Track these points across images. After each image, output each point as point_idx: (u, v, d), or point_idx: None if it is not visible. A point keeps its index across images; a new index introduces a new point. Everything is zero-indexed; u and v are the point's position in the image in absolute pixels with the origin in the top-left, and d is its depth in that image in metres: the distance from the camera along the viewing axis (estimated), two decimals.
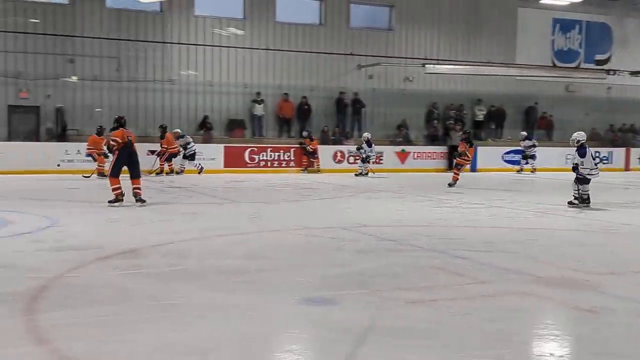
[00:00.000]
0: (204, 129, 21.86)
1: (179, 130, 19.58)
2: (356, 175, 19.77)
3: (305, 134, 21.47)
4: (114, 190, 10.98)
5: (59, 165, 18.17)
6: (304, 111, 23.33)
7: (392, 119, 24.54)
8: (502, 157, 23.89)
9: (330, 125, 23.46)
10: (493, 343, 4.25)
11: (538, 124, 26.82)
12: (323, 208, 12.03)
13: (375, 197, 13.93)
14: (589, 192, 11.74)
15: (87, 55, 20.75)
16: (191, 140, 19.40)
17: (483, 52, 25.82)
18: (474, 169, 21.96)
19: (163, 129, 18.98)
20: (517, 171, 22.35)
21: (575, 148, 11.89)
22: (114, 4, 21.30)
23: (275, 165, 21.05)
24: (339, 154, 21.82)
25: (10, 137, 19.81)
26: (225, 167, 20.21)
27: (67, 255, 6.75)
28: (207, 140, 21.41)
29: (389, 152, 22.52)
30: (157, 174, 18.43)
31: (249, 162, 20.73)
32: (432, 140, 24.15)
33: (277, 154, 21.17)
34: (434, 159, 23.14)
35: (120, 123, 11.42)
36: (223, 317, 4.69)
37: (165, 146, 18.59)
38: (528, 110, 26.83)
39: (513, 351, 4.12)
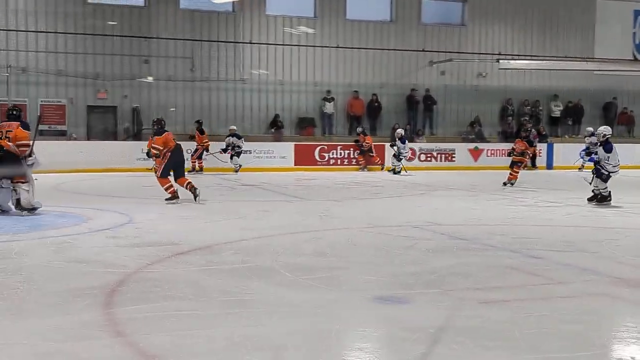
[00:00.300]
0: (275, 128, 22.08)
1: (234, 127, 19.53)
2: (389, 171, 19.46)
3: (359, 130, 21.18)
4: (167, 189, 11.33)
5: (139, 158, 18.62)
6: (374, 108, 23.24)
7: (464, 115, 24.17)
8: (580, 154, 23.18)
9: (401, 123, 23.28)
10: (570, 345, 4.11)
11: (618, 120, 25.89)
12: (393, 206, 11.94)
13: (448, 195, 13.73)
14: (609, 190, 11.43)
15: (162, 55, 21.27)
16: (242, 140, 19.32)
17: (559, 46, 25.10)
18: (550, 166, 21.38)
19: (200, 124, 19.13)
20: (579, 169, 21.41)
21: (599, 143, 11.56)
22: (187, 5, 21.75)
23: (345, 163, 21.06)
24: (410, 152, 21.62)
25: (89, 137, 20.50)
26: (295, 165, 20.36)
27: (144, 251, 6.93)
28: (278, 138, 21.61)
29: (462, 150, 22.18)
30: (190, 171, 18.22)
31: (319, 160, 20.81)
32: (506, 137, 23.64)
33: (347, 151, 21.17)
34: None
35: (161, 125, 11.75)
36: (295, 314, 4.71)
37: (200, 142, 18.75)
38: (606, 105, 25.94)
39: (592, 354, 3.98)
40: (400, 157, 19.42)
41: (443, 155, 21.92)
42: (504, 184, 15.24)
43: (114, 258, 6.55)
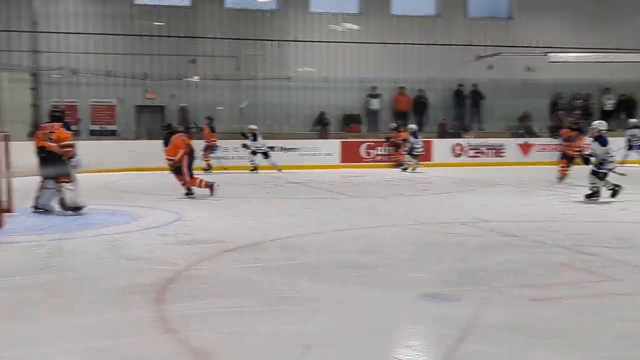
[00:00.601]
0: (321, 125, 22.10)
1: (255, 126, 19.03)
2: (403, 170, 18.98)
3: (393, 125, 20.61)
4: (199, 183, 11.94)
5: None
6: (420, 104, 23.07)
7: (513, 110, 23.76)
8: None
9: (448, 118, 23.06)
10: (624, 344, 4.00)
11: None
12: (441, 203, 11.82)
13: (497, 191, 13.54)
14: (599, 187, 11.16)
15: (208, 55, 21.48)
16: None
17: (612, 38, 24.45)
18: None
19: (211, 120, 18.95)
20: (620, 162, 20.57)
21: (593, 138, 11.29)
22: (232, 4, 21.94)
23: (392, 159, 20.93)
24: (457, 148, 21.38)
25: (138, 136, 20.85)
26: (341, 162, 20.33)
27: (193, 249, 7.00)
28: (324, 136, 21.63)
29: (511, 145, 21.83)
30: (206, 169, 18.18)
31: (365, 157, 20.74)
32: (557, 131, 23.16)
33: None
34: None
35: (170, 130, 12.29)
36: (341, 311, 4.70)
37: (208, 139, 18.54)
38: None
39: None
40: (414, 152, 18.96)
41: (492, 151, 21.61)
42: (558, 179, 14.81)
43: (163, 255, 6.64)
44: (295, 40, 22.11)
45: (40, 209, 9.68)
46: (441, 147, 21.04)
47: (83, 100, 20.80)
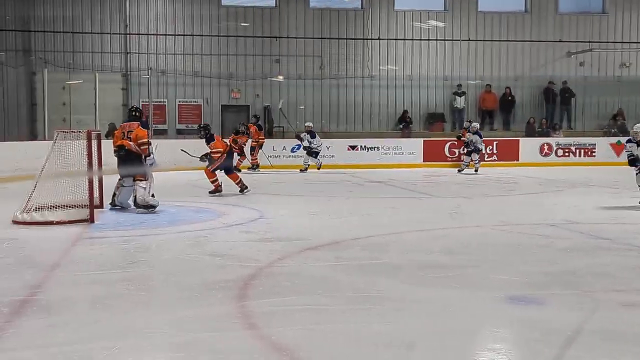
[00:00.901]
0: (403, 124, 21.92)
1: (311, 124, 18.79)
2: (459, 171, 18.16)
3: (466, 124, 19.65)
4: (213, 182, 11.92)
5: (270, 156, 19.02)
6: (507, 102, 22.53)
7: (605, 108, 22.89)
8: None
9: (536, 117, 22.43)
10: None
11: None
12: (528, 203, 11.50)
13: (587, 192, 13.07)
14: None
15: (292, 55, 21.68)
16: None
17: None
18: None
19: (257, 119, 18.94)
20: None
21: (637, 142, 10.44)
22: (317, 3, 22.05)
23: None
24: (545, 147, 20.75)
25: (223, 135, 21.24)
26: (424, 161, 20.08)
27: (275, 246, 7.07)
28: (407, 134, 21.44)
29: (602, 144, 20.99)
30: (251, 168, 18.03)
31: (449, 155, 20.41)
32: None
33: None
34: None
35: (208, 131, 12.24)
36: (424, 311, 4.63)
37: (256, 138, 18.24)
38: None
39: None
40: (478, 152, 18.07)
41: (582, 150, 20.85)
42: None
43: (246, 252, 6.74)
44: (379, 39, 22.02)
45: (117, 206, 9.98)
46: (528, 146, 20.48)
47: (171, 100, 21.41)
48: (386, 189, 13.85)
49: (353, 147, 19.10)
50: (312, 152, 18.05)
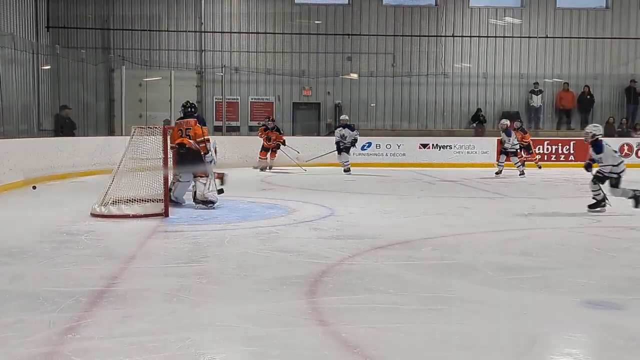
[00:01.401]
0: (477, 122, 21.56)
1: (346, 117, 17.88)
2: (497, 174, 16.59)
3: (517, 125, 18.42)
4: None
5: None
6: (586, 101, 21.87)
7: None
8: None
9: (616, 116, 21.66)
10: None
11: None
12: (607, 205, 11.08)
13: None
14: (604, 193, 9.71)
15: (364, 52, 21.64)
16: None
17: None
18: None
19: (273, 121, 18.47)
20: None
21: (590, 144, 9.82)
22: (390, 0, 21.91)
23: (552, 159, 20.00)
24: (625, 148, 20.01)
25: (294, 132, 21.42)
26: (498, 160, 19.67)
27: (345, 244, 7.04)
28: (480, 133, 21.09)
29: None
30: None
31: (524, 155, 19.90)
32: None
33: (554, 147, 20.11)
34: None
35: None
36: (498, 314, 4.51)
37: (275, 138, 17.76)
38: None
39: None
40: (509, 152, 16.64)
41: None
42: None
43: (317, 249, 6.73)
44: (453, 36, 21.74)
45: (172, 201, 9.85)
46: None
47: (244, 97, 21.69)
48: (458, 189, 13.63)
49: (425, 146, 18.92)
50: (342, 149, 17.12)
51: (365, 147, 19.20)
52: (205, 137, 9.91)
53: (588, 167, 9.94)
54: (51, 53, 19.11)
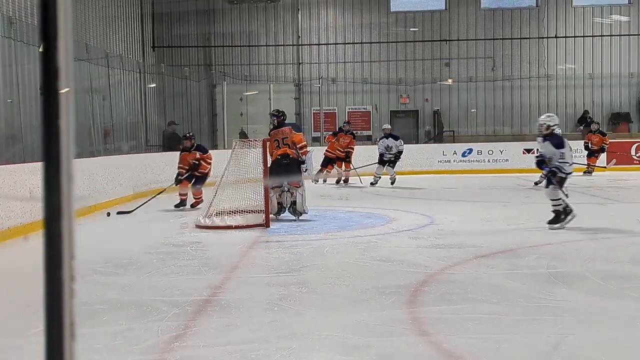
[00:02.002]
0: (584, 125, 20.73)
1: (389, 126, 15.72)
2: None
3: (595, 127, 17.33)
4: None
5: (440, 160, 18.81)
6: None
7: None
8: None
9: None
10: None
11: None
12: None
13: None
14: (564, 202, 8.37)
15: (462, 57, 21.31)
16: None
17: None
18: None
19: (349, 123, 16.45)
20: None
21: (543, 137, 8.41)
22: (488, 4, 21.49)
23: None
24: None
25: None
26: (607, 164, 18.82)
27: (446, 253, 6.93)
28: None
29: None
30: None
31: (636, 158, 19.00)
32: None
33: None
34: None
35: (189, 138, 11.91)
36: (608, 324, 4.31)
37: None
38: None
39: None
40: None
41: None
42: None
43: (416, 258, 6.67)
44: (556, 37, 21.05)
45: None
46: None
47: (341, 107, 21.83)
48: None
49: (528, 151, 18.34)
50: (386, 162, 15.01)
51: (466, 154, 18.85)
52: (305, 143, 9.86)
53: (540, 164, 8.54)
54: (157, 72, 19.97)
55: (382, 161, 15.00)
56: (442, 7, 21.60)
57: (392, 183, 15.00)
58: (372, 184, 15.09)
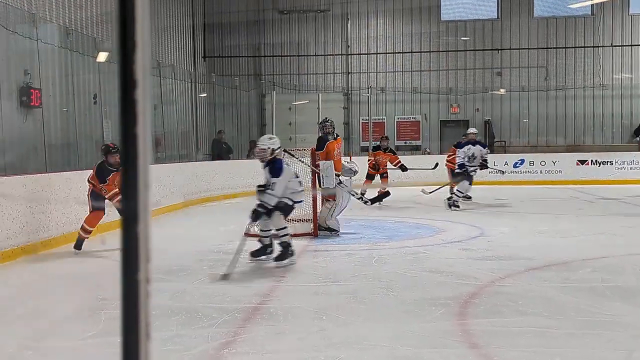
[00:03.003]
0: None
1: (475, 130, 13.70)
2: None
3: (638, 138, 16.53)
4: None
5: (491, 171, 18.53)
6: None
7: None
8: None
9: None
10: None
11: None
12: None
13: None
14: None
15: (514, 66, 21.05)
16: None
17: None
18: None
19: (387, 139, 14.41)
20: None
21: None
22: (542, 12, 21.18)
23: None
24: None
25: (441, 150, 21.13)
26: None
27: (496, 265, 6.84)
28: None
29: None
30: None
31: None
32: None
33: None
34: None
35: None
36: None
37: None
38: None
39: None
40: None
41: None
42: None
43: (466, 270, 6.59)
44: (612, 46, 20.63)
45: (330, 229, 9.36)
46: None
47: (390, 117, 21.77)
48: (621, 207, 12.83)
49: (583, 162, 18.00)
50: (466, 174, 12.65)
51: (517, 165, 18.59)
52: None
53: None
54: (207, 81, 20.27)
55: (465, 174, 12.53)
56: (494, 16, 21.38)
57: (453, 203, 12.41)
58: (454, 204, 12.42)
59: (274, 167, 7.10)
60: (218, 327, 4.58)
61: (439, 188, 13.44)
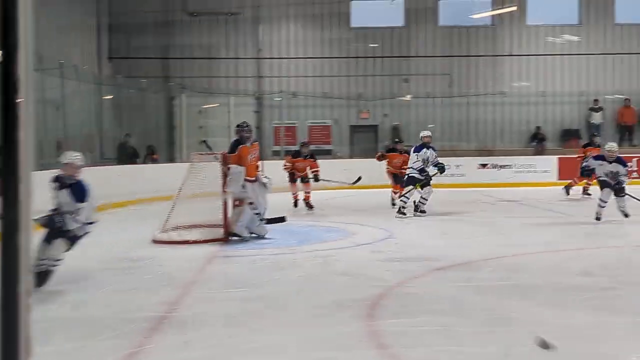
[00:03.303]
0: (537, 141, 21.18)
1: (428, 132, 12.79)
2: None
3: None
4: None
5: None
6: None
7: None
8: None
9: None
10: None
11: None
12: None
13: None
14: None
15: (421, 74, 21.58)
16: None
17: None
18: None
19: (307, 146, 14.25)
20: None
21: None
22: (446, 21, 21.84)
23: None
24: None
25: (352, 155, 21.43)
26: (559, 179, 19.19)
27: (404, 266, 6.99)
28: (540, 152, 20.70)
29: None
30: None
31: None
32: None
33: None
34: None
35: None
36: (562, 335, 4.38)
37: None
38: None
39: None
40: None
41: None
42: None
43: (375, 272, 6.70)
44: (510, 55, 21.50)
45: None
46: None
47: (301, 121, 21.87)
48: (519, 208, 13.39)
49: (484, 165, 18.66)
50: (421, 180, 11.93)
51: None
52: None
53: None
54: (113, 83, 19.70)
55: (423, 181, 11.85)
56: (402, 24, 21.86)
57: (418, 209, 11.87)
58: (402, 211, 11.67)
59: (82, 188, 6.37)
60: (123, 338, 4.46)
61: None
